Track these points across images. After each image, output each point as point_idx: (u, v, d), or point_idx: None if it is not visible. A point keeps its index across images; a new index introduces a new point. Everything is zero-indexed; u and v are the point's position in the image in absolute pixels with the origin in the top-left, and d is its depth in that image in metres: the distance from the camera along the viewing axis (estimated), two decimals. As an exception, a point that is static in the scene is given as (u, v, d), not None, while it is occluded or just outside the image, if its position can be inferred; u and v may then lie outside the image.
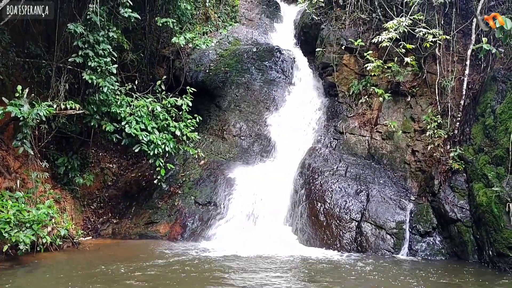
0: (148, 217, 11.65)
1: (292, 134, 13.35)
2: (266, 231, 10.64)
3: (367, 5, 13.37)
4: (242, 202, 11.37)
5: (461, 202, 9.71)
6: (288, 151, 12.93)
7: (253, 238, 10.47)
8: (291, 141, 13.20)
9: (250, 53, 15.68)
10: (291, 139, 13.25)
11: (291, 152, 12.79)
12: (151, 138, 10.76)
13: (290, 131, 13.46)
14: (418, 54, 11.67)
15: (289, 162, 12.35)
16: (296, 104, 14.22)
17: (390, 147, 11.84)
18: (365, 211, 10.18)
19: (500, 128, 9.38)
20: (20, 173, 10.21)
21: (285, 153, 12.90)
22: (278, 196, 11.45)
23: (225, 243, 10.36)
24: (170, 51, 15.24)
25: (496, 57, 10.30)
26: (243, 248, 9.70)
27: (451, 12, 11.44)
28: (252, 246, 9.93)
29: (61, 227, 9.44)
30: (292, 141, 13.17)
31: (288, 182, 11.74)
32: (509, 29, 8.17)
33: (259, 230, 10.74)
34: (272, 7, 19.93)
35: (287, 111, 14.04)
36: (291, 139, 13.24)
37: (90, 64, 10.01)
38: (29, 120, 8.79)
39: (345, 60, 13.55)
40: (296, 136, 13.31)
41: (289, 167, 12.16)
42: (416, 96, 12.02)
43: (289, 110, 14.06)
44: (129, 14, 10.50)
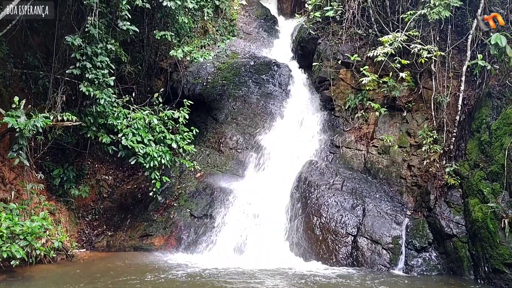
0: (143, 230, 11.59)
1: (288, 147, 13.35)
2: (262, 245, 10.59)
3: (364, 21, 13.50)
4: (238, 216, 11.34)
5: (457, 218, 9.71)
6: (284, 164, 12.91)
7: (248, 252, 10.43)
8: (287, 154, 13.19)
9: (247, 66, 15.77)
10: (287, 152, 13.24)
11: (288, 165, 12.78)
12: (147, 150, 10.75)
13: (287, 144, 13.47)
14: (413, 69, 11.77)
15: (286, 175, 12.33)
16: (293, 117, 14.25)
17: (386, 161, 11.87)
18: (361, 225, 10.16)
19: (495, 144, 9.42)
20: (15, 184, 10.17)
21: (281, 166, 12.88)
22: (274, 209, 11.41)
23: (220, 256, 10.32)
24: (168, 63, 15.31)
25: (491, 73, 10.40)
26: (238, 262, 9.63)
27: (447, 28, 11.56)
28: (247, 260, 9.88)
29: (55, 239, 9.38)
30: (288, 154, 13.16)
31: (284, 195, 11.72)
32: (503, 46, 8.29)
33: (255, 243, 10.68)
34: (269, 22, 20.10)
35: (284, 124, 14.07)
36: (288, 152, 13.23)
37: (88, 76, 10.04)
38: (26, 131, 8.78)
39: (342, 75, 13.64)
40: (293, 149, 13.31)
41: (285, 180, 12.14)
42: (412, 111, 12.08)
43: (286, 123, 14.09)
44: (127, 27, 10.55)
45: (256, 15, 20.21)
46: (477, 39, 11.01)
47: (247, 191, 11.97)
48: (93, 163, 13.23)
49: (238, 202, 11.69)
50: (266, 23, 19.90)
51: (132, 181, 13.54)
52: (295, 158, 12.94)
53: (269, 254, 10.24)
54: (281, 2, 22.36)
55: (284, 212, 11.41)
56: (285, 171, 12.54)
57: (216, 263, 9.74)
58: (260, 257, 10.07)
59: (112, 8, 10.70)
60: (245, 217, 11.27)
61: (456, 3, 10.46)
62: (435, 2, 10.61)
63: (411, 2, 12.19)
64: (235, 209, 11.52)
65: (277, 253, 10.39)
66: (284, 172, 12.54)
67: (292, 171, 12.34)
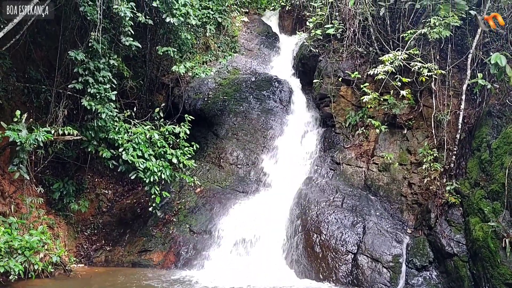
0: (142, 245, 11.52)
1: (289, 164, 13.36)
2: (261, 262, 10.52)
3: (364, 39, 13.62)
4: (238, 232, 11.27)
5: (458, 236, 9.66)
6: (285, 180, 12.91)
7: (247, 268, 10.34)
8: (288, 170, 13.19)
9: (248, 82, 15.86)
10: (288, 168, 13.24)
11: (288, 181, 12.77)
12: (148, 165, 10.75)
13: (287, 161, 13.47)
14: (414, 87, 11.83)
15: (286, 191, 12.31)
16: (293, 134, 14.28)
17: (387, 179, 11.85)
18: (361, 243, 10.10)
19: (495, 163, 9.42)
20: (15, 198, 10.15)
21: (281, 183, 12.88)
22: (274, 226, 11.35)
23: (219, 273, 10.22)
24: (170, 78, 15.40)
25: (491, 92, 10.46)
26: (237, 279, 9.55)
27: (447, 47, 11.65)
28: (246, 277, 9.79)
29: (54, 254, 9.33)
30: (289, 171, 13.16)
31: (284, 212, 11.67)
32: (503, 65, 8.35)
33: (254, 260, 10.61)
34: (271, 38, 20.27)
35: (284, 140, 14.09)
36: (288, 169, 13.23)
37: (90, 91, 10.10)
38: (27, 145, 8.80)
39: (342, 92, 13.71)
40: (293, 165, 13.31)
41: (285, 196, 12.11)
42: (413, 128, 12.11)
43: (286, 139, 14.11)
44: (130, 43, 10.65)
45: (257, 32, 20.40)
46: (477, 58, 11.10)
47: (246, 207, 11.92)
48: (93, 177, 13.21)
49: (238, 218, 11.64)
50: (267, 40, 20.07)
51: (131, 195, 13.51)
52: (295, 174, 12.93)
53: (268, 271, 10.16)
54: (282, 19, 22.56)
55: (284, 229, 11.34)
56: (285, 187, 12.53)
57: (215, 279, 9.66)
58: (259, 274, 9.98)
59: (115, 24, 10.80)
60: (245, 233, 11.19)
61: (456, 22, 10.57)
62: (435, 22, 10.71)
63: (412, 21, 12.32)
64: (235, 225, 11.46)
65: (277, 270, 10.31)
66: (284, 188, 12.52)
67: (292, 187, 12.32)
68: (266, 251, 10.87)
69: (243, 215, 11.68)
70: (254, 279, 9.62)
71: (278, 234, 11.24)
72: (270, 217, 11.49)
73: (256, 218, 11.42)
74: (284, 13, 22.40)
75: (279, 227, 11.37)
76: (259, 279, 9.60)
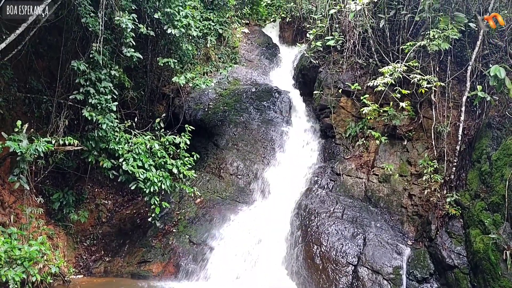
0: (141, 256, 11.46)
1: (289, 174, 13.35)
2: (261, 273, 10.46)
3: (364, 51, 13.71)
4: (238, 243, 11.22)
5: (458, 248, 9.63)
6: (285, 191, 12.89)
7: (247, 280, 10.29)
8: (288, 181, 13.18)
9: (249, 93, 15.92)
10: (288, 179, 13.23)
11: (288, 192, 12.75)
12: (148, 175, 10.74)
13: (287, 171, 13.47)
14: (414, 99, 11.88)
15: (286, 202, 12.29)
16: (294, 144, 14.30)
17: (387, 190, 11.85)
18: (362, 255, 10.06)
19: (496, 175, 9.43)
20: (15, 208, 10.12)
21: (282, 193, 12.86)
22: (274, 237, 11.32)
23: (219, 285, 10.17)
24: (170, 89, 15.46)
25: (490, 104, 10.50)
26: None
27: (446, 59, 11.72)
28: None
29: (53, 264, 9.26)
30: (289, 181, 13.15)
31: (284, 222, 11.65)
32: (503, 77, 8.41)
33: (254, 271, 10.56)
34: (271, 49, 20.39)
35: (284, 151, 14.10)
36: (288, 179, 13.22)
37: (91, 101, 10.13)
38: (27, 155, 8.79)
39: (342, 103, 13.76)
40: (293, 176, 13.30)
41: (285, 207, 12.09)
42: (413, 140, 12.14)
43: (287, 150, 14.13)
44: (131, 54, 10.70)
45: (258, 43, 20.54)
46: (476, 70, 11.17)
47: (246, 218, 11.90)
48: (93, 188, 13.19)
49: (238, 229, 11.60)
50: (267, 51, 20.19)
51: (131, 206, 13.48)
52: (296, 185, 12.92)
53: (269, 283, 10.10)
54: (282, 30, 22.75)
55: (284, 240, 11.30)
56: (285, 198, 12.51)
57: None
58: (260, 285, 9.93)
59: (116, 35, 10.87)
60: (245, 244, 11.15)
61: (455, 35, 10.64)
62: (434, 34, 10.78)
63: (411, 33, 12.41)
64: (235, 236, 11.42)
65: (277, 281, 10.25)
66: (284, 199, 12.50)
67: (292, 198, 12.31)
68: (267, 262, 10.82)
69: (243, 226, 11.64)
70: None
71: (279, 245, 11.20)
72: (271, 228, 11.46)
73: (256, 229, 11.39)
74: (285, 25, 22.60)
75: (279, 238, 11.33)
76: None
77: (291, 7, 21.92)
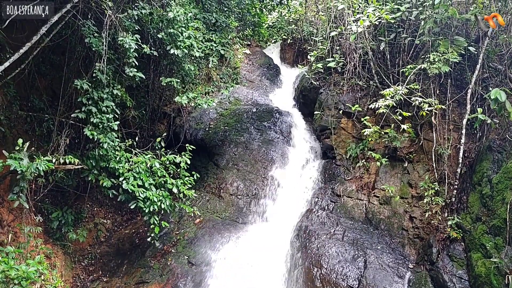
0: (139, 276, 11.33)
1: (289, 195, 13.31)
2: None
3: (365, 73, 13.82)
4: (237, 264, 11.12)
5: (460, 272, 9.53)
6: (285, 212, 12.83)
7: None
8: (288, 202, 13.13)
9: (249, 113, 15.98)
10: (288, 200, 13.19)
11: (288, 213, 12.69)
12: (148, 194, 10.69)
13: (288, 192, 13.43)
14: (414, 121, 11.92)
15: (286, 223, 12.22)
16: (294, 165, 14.29)
17: (388, 212, 11.78)
18: (363, 278, 9.94)
19: (497, 198, 9.39)
20: (13, 227, 10.04)
21: (282, 214, 12.79)
22: (274, 259, 11.22)
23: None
24: (172, 108, 15.52)
25: (491, 127, 10.53)
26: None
27: (446, 82, 11.80)
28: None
29: (50, 285, 9.16)
30: (289, 202, 13.10)
31: (284, 244, 11.55)
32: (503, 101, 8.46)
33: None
34: (272, 70, 20.57)
35: (284, 171, 14.08)
36: (288, 200, 13.17)
37: (93, 120, 10.14)
38: (27, 174, 8.77)
39: (343, 124, 13.80)
40: (294, 197, 13.26)
41: (286, 228, 12.02)
42: (413, 162, 12.12)
43: (287, 170, 14.10)
44: (134, 73, 10.77)
45: (259, 63, 20.73)
46: (476, 93, 11.23)
47: (246, 239, 11.80)
48: (92, 206, 13.13)
49: (237, 250, 11.49)
50: (269, 72, 20.35)
51: (130, 225, 13.39)
52: (296, 206, 12.86)
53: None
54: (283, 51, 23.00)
55: (284, 262, 11.20)
56: (285, 219, 12.44)
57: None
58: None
59: (119, 55, 10.95)
60: (244, 266, 11.05)
61: (455, 58, 10.74)
62: (434, 58, 10.88)
63: (411, 56, 12.53)
64: (234, 257, 11.31)
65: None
66: (284, 220, 12.44)
67: (292, 219, 12.24)
68: (267, 284, 10.70)
69: (242, 247, 11.54)
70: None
71: (278, 267, 11.09)
72: (270, 249, 11.36)
73: (256, 251, 11.29)
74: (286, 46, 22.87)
75: (279, 260, 11.23)
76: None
77: (292, 29, 22.22)
